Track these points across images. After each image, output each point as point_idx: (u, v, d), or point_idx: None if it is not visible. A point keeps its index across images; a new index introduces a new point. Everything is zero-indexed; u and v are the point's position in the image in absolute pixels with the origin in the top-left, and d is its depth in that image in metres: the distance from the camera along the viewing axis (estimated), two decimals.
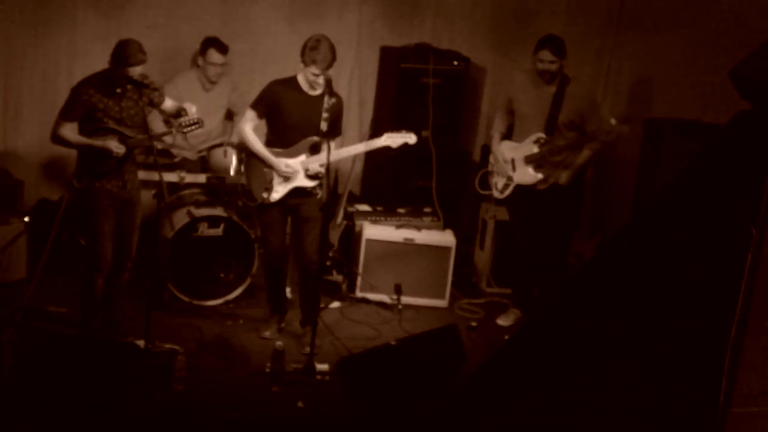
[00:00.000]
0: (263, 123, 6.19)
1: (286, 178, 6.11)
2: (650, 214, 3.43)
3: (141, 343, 5.61)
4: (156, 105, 6.04)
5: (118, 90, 5.77)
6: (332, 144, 6.12)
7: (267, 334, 6.37)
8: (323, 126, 5.97)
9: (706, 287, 3.16)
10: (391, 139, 6.23)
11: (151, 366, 5.54)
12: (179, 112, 6.00)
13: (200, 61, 7.36)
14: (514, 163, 6.66)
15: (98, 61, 6.05)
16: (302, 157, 6.12)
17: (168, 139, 6.25)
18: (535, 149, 6.53)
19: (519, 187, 6.68)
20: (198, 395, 5.50)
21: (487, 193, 7.12)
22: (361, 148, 6.41)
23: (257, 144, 6.14)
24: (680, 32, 7.42)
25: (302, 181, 6.14)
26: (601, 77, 8.13)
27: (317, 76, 5.91)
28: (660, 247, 3.29)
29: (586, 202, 7.89)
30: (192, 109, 5.99)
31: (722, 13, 6.92)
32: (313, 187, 6.16)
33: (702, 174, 3.22)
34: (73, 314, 6.23)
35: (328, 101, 5.97)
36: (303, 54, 5.93)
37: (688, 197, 3.25)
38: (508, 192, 6.75)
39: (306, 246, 6.18)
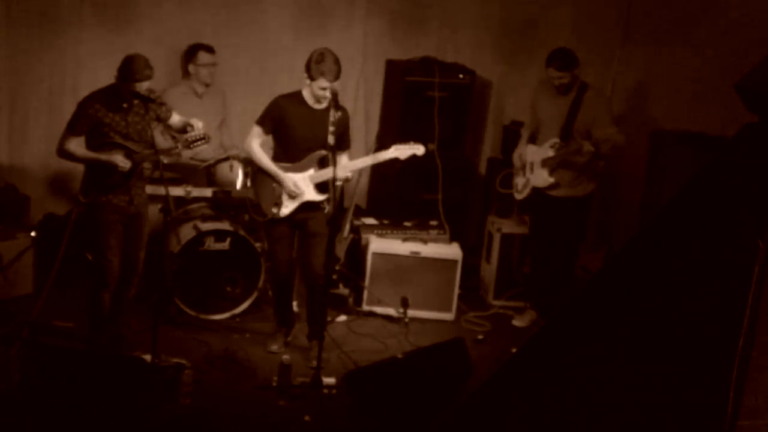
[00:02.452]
0: (270, 138, 6.20)
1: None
2: (657, 226, 3.42)
3: (148, 357, 5.62)
4: (163, 120, 6.05)
5: (125, 105, 5.78)
6: (344, 156, 6.14)
7: (274, 347, 6.37)
8: (330, 140, 5.95)
9: (713, 300, 3.15)
10: (400, 151, 6.22)
11: (158, 380, 5.54)
12: (185, 128, 6.01)
13: (191, 68, 7.40)
14: (533, 165, 6.77)
15: (104, 76, 6.06)
16: (311, 171, 6.12)
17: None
18: (551, 153, 6.61)
19: (540, 192, 6.75)
20: (205, 409, 5.50)
21: (506, 191, 7.27)
22: (369, 160, 6.41)
23: (266, 160, 6.14)
24: (686, 45, 7.43)
25: (311, 195, 6.15)
26: (606, 89, 8.13)
27: (325, 89, 5.91)
28: (667, 259, 3.28)
29: (593, 215, 7.89)
30: (199, 125, 6.00)
31: (728, 26, 6.93)
32: (322, 201, 6.16)
33: (708, 187, 3.21)
34: (79, 329, 6.24)
35: (334, 114, 5.95)
36: (309, 69, 5.92)
37: (695, 210, 3.24)
38: (526, 192, 6.87)
39: (313, 260, 6.18)
